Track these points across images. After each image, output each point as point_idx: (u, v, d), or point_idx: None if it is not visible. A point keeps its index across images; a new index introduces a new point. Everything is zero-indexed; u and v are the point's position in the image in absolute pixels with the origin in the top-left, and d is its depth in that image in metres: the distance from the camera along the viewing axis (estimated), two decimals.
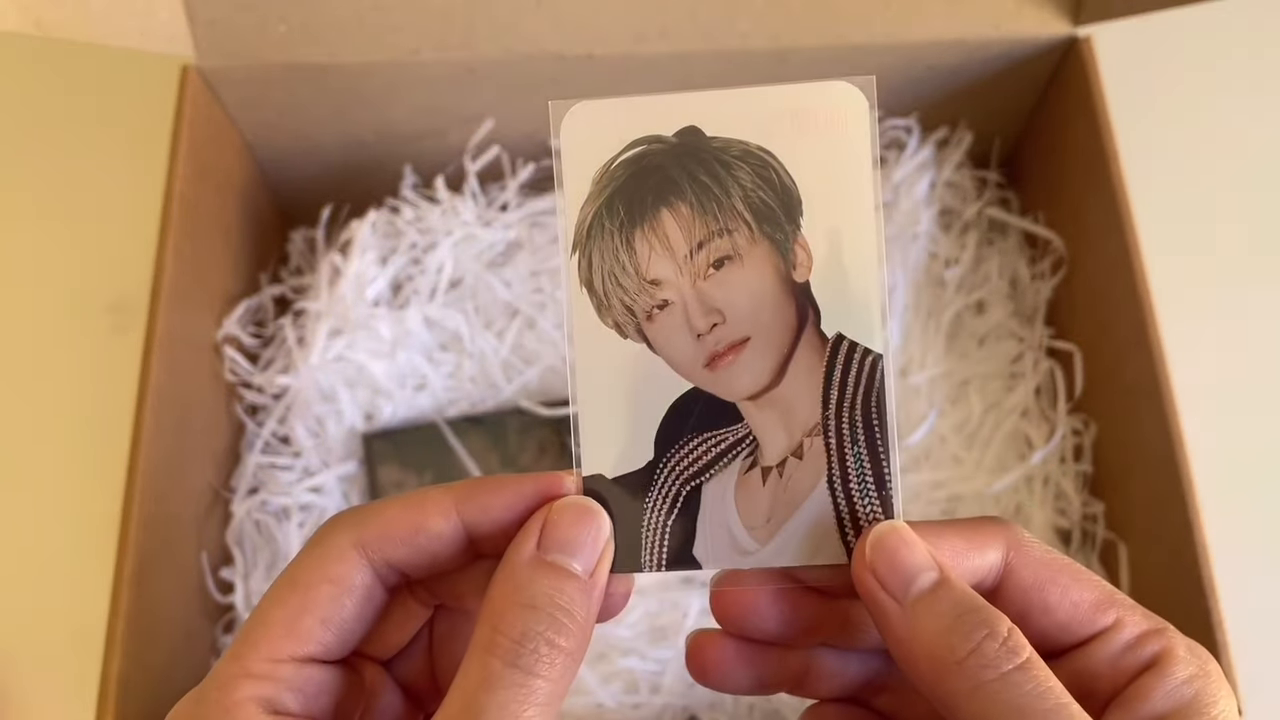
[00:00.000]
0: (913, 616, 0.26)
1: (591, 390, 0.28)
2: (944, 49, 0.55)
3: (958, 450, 0.57)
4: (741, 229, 0.28)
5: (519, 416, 0.57)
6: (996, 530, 0.28)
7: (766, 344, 0.28)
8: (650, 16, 0.53)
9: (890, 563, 0.26)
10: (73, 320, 0.63)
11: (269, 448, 0.57)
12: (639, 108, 0.28)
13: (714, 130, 0.28)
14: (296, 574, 0.27)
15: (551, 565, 0.26)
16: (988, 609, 0.26)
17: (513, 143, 0.60)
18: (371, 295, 0.58)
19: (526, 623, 0.25)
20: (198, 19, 0.52)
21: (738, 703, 0.52)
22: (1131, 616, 0.27)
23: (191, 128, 0.52)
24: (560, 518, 0.27)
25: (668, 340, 0.28)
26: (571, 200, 0.28)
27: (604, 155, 0.28)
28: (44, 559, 0.59)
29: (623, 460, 0.28)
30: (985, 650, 0.25)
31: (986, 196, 0.63)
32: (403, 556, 0.27)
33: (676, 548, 0.28)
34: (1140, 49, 0.65)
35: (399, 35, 0.53)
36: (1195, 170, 0.67)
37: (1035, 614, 0.27)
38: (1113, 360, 0.54)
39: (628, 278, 0.28)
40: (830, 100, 0.27)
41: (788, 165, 0.28)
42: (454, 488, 0.28)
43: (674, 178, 0.28)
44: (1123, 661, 0.27)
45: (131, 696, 0.43)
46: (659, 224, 0.28)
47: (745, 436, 0.28)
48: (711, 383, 0.28)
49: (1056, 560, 0.28)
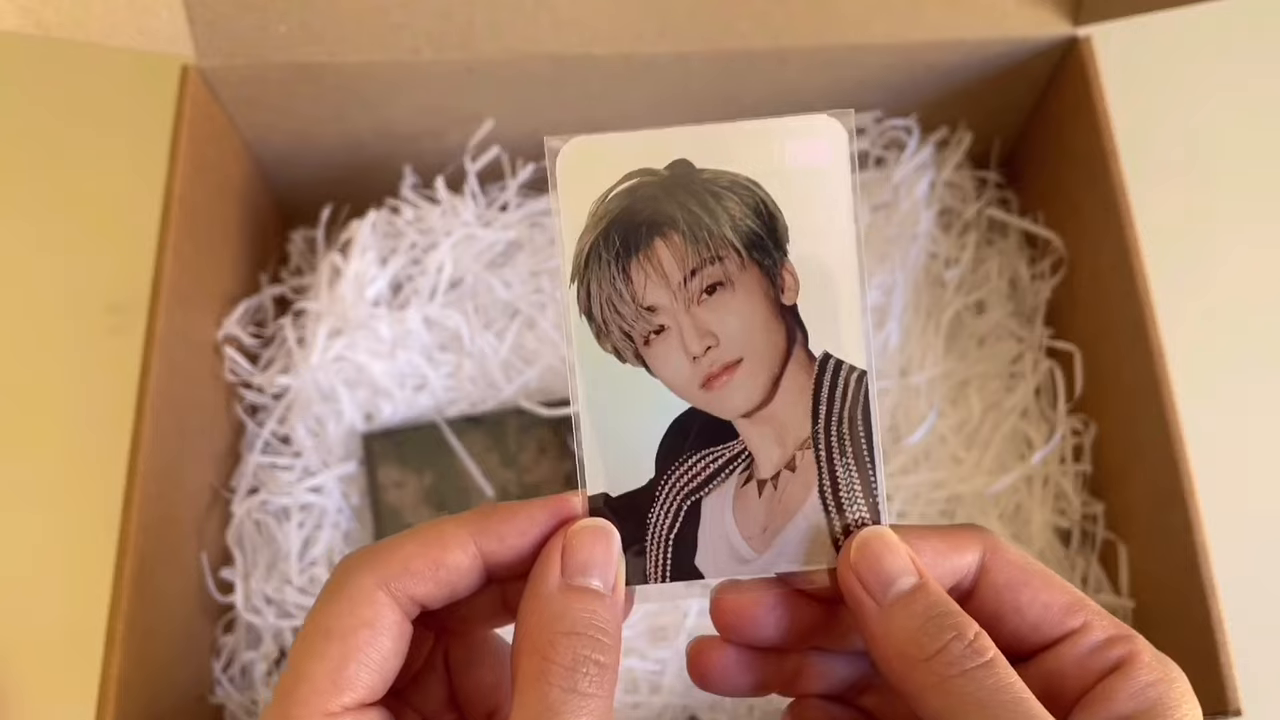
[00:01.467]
0: (889, 616, 0.28)
1: (594, 413, 0.30)
2: (944, 49, 0.55)
3: (958, 450, 0.57)
4: (732, 256, 0.29)
5: (519, 416, 0.57)
6: (974, 535, 0.29)
7: (758, 364, 0.29)
8: (650, 16, 0.53)
9: (872, 566, 0.28)
10: (72, 320, 0.63)
11: (269, 448, 0.57)
12: (632, 142, 0.29)
13: (704, 163, 0.29)
14: (328, 623, 0.27)
15: (579, 589, 0.28)
16: (959, 614, 0.27)
17: (513, 143, 0.60)
18: (371, 295, 0.58)
19: (574, 648, 0.27)
20: (198, 19, 0.52)
21: (737, 703, 0.52)
22: (1100, 621, 0.28)
23: (191, 128, 0.52)
24: (579, 542, 0.28)
25: (665, 363, 0.30)
26: (569, 232, 0.29)
27: (599, 188, 0.29)
28: (44, 559, 0.59)
29: (626, 479, 0.30)
30: (951, 649, 0.26)
31: (986, 196, 0.63)
32: (425, 591, 0.28)
33: (679, 559, 0.30)
34: (1140, 49, 0.65)
35: (399, 35, 0.53)
36: (1195, 170, 0.67)
37: (1008, 613, 0.29)
38: (1113, 360, 0.54)
39: (625, 305, 0.29)
40: (812, 132, 0.29)
41: (774, 195, 0.29)
42: (468, 520, 0.29)
43: (667, 208, 0.29)
44: (1090, 662, 0.28)
45: (131, 696, 0.43)
46: (654, 253, 0.29)
47: (741, 452, 0.30)
48: (708, 402, 0.30)
49: (1030, 565, 0.29)
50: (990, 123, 0.62)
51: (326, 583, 0.28)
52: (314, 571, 0.55)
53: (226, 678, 0.53)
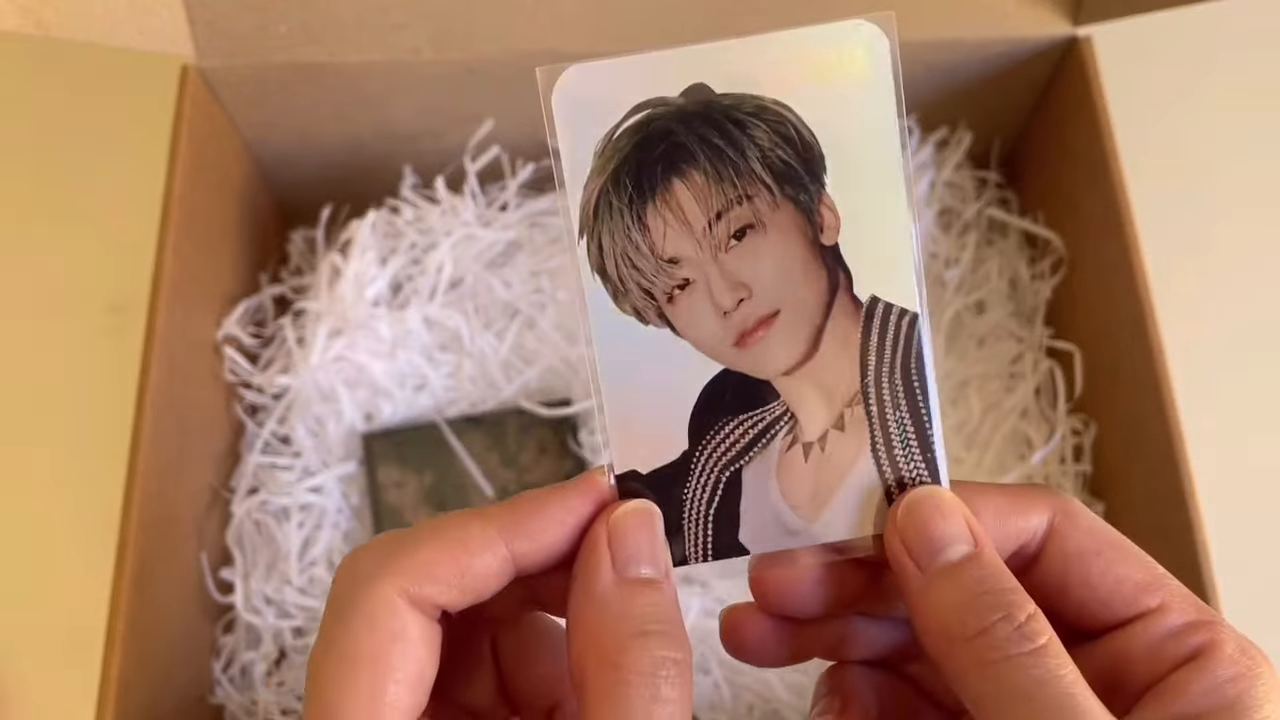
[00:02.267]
0: (933, 587, 0.25)
1: (616, 384, 0.26)
2: (944, 49, 0.55)
3: (958, 450, 0.57)
4: (762, 193, 0.26)
5: (519, 416, 0.57)
6: (1044, 496, 0.27)
7: (798, 315, 0.26)
8: (650, 16, 0.53)
9: (921, 530, 0.26)
10: (72, 320, 0.63)
11: (269, 448, 0.57)
12: (639, 67, 0.25)
13: (723, 86, 0.25)
14: (351, 646, 0.24)
15: (636, 581, 0.25)
16: (1013, 591, 0.24)
17: (513, 143, 0.60)
18: (371, 295, 0.58)
19: (649, 650, 0.24)
20: (198, 19, 0.52)
21: (737, 702, 0.52)
22: (1180, 603, 0.26)
23: (191, 128, 0.52)
24: (624, 530, 0.26)
25: (692, 321, 0.26)
26: (572, 179, 0.25)
27: (604, 125, 0.25)
28: (44, 559, 0.59)
29: (656, 454, 0.27)
30: (997, 631, 0.24)
31: (986, 196, 0.63)
32: (449, 599, 0.25)
33: (721, 536, 0.27)
34: (1140, 49, 0.65)
35: (399, 35, 0.53)
36: (1195, 170, 0.67)
37: (1075, 586, 0.26)
38: (1113, 360, 0.54)
39: (643, 258, 0.26)
40: (848, 42, 0.25)
41: (806, 118, 0.25)
42: (495, 517, 0.26)
43: (684, 143, 0.25)
44: (1163, 649, 0.25)
45: (131, 696, 0.43)
46: (672, 196, 0.26)
47: (783, 414, 0.27)
48: (743, 361, 0.26)
49: (1106, 532, 0.26)
50: (990, 123, 0.62)
51: (333, 592, 0.25)
52: (314, 572, 0.55)
53: (226, 678, 0.53)
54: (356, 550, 0.26)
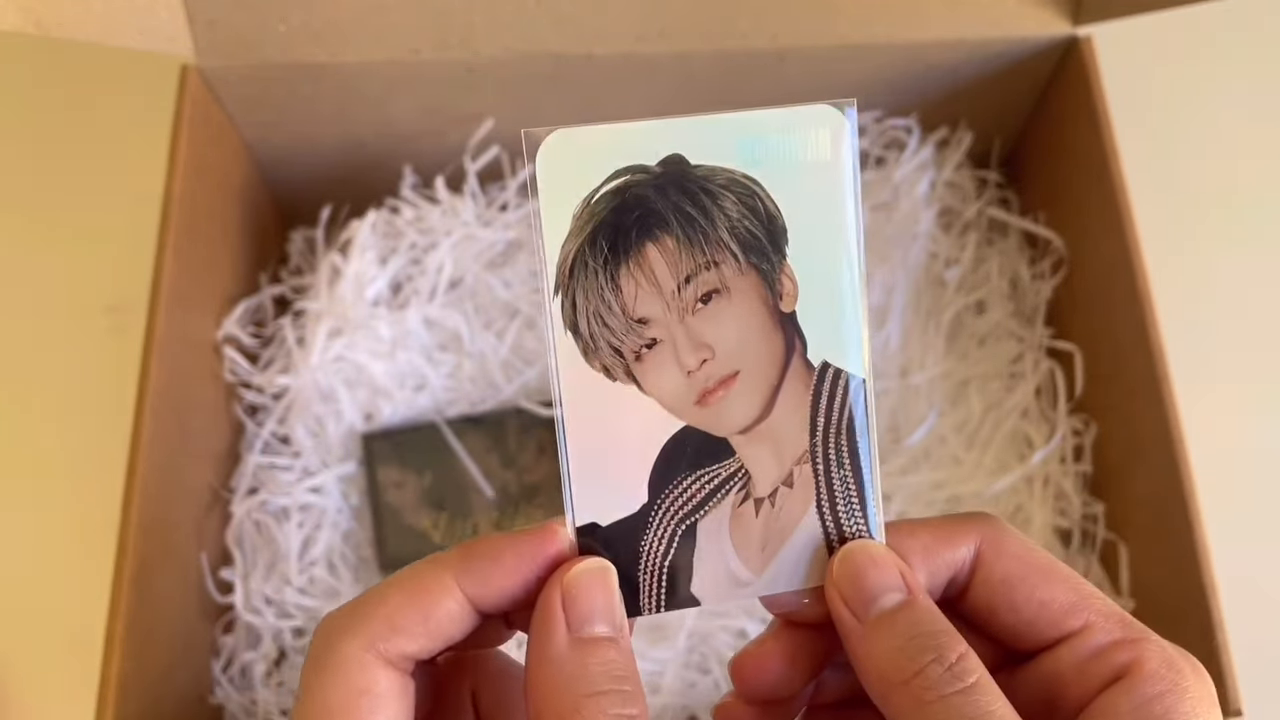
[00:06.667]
0: (871, 635, 0.26)
1: (582, 439, 0.27)
2: (944, 49, 0.55)
3: (958, 450, 0.57)
4: (729, 261, 0.27)
5: (519, 416, 0.57)
6: (972, 525, 0.28)
7: (756, 377, 0.28)
8: (650, 16, 0.53)
9: (855, 581, 0.27)
10: (72, 321, 0.63)
11: (269, 448, 0.57)
12: (620, 135, 0.27)
13: (698, 158, 0.27)
14: (322, 702, 0.25)
15: (589, 640, 0.26)
16: (943, 633, 0.26)
17: (512, 142, 0.60)
18: (371, 295, 0.58)
19: (603, 710, 0.25)
20: (198, 19, 0.52)
21: None
22: (1104, 623, 0.26)
23: (191, 128, 0.52)
24: (578, 590, 0.26)
25: (658, 379, 0.27)
26: (551, 238, 0.27)
27: (584, 188, 0.26)
28: (44, 559, 0.59)
29: (616, 506, 0.28)
30: (929, 673, 0.25)
31: (986, 196, 0.63)
32: (417, 647, 0.26)
33: (674, 587, 0.28)
34: (1140, 49, 0.65)
35: (399, 35, 0.53)
36: (1195, 170, 0.67)
37: (1002, 611, 0.27)
38: (1113, 360, 0.54)
39: (614, 318, 0.27)
40: (814, 124, 0.27)
41: (773, 193, 0.27)
42: (449, 562, 0.26)
43: (659, 209, 0.27)
44: (1090, 670, 0.26)
45: (131, 696, 0.43)
46: (644, 259, 0.27)
47: (738, 470, 0.28)
48: (703, 419, 0.28)
49: (1032, 557, 0.27)
50: (990, 122, 0.62)
51: (310, 651, 0.26)
52: (314, 572, 0.55)
53: (226, 678, 0.53)
54: (331, 611, 0.27)
